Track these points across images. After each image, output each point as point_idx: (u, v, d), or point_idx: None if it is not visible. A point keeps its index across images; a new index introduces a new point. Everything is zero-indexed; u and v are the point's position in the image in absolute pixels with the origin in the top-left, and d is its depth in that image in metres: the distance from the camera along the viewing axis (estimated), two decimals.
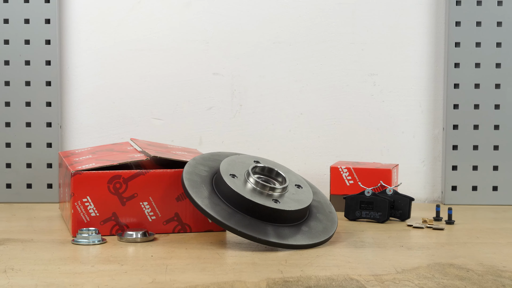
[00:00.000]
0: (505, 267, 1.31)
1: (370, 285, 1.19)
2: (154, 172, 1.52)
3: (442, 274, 1.26)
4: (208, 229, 1.56)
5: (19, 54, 1.86)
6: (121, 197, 1.51)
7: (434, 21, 1.92)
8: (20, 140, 1.88)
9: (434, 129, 1.94)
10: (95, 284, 1.20)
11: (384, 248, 1.45)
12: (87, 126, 1.92)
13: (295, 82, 1.93)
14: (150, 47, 1.92)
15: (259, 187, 1.47)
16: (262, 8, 1.92)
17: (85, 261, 1.34)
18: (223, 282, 1.21)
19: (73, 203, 1.50)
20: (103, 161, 1.56)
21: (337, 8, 1.92)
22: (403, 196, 1.67)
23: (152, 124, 1.93)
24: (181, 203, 1.54)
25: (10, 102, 1.87)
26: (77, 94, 1.92)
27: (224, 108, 1.93)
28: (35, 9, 1.86)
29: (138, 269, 1.29)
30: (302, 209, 1.47)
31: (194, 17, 1.92)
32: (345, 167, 1.77)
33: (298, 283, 1.21)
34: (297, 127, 1.94)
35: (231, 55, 1.93)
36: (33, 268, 1.28)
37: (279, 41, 1.92)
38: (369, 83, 1.92)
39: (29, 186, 1.88)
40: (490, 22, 1.88)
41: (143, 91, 1.92)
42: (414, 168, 1.95)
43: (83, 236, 1.45)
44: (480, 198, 1.91)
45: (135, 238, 1.47)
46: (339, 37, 1.92)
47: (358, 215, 1.68)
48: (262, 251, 1.41)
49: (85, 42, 1.91)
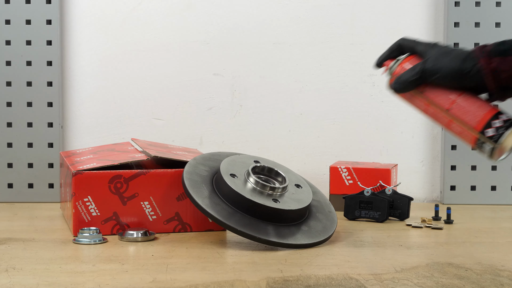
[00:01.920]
0: (503, 266, 1.31)
1: (369, 284, 1.20)
2: (154, 172, 1.53)
3: (441, 273, 1.27)
4: (209, 229, 1.56)
5: (20, 54, 1.87)
6: (122, 197, 1.52)
7: (433, 22, 1.93)
8: (21, 140, 1.88)
9: (433, 129, 1.95)
10: (96, 283, 1.20)
11: (383, 248, 1.45)
12: (88, 126, 1.93)
13: (295, 83, 1.94)
14: (151, 47, 1.92)
15: (259, 187, 1.48)
16: (262, 9, 1.93)
17: (86, 261, 1.35)
18: (223, 281, 1.21)
19: (74, 202, 1.51)
20: (104, 161, 1.56)
21: (336, 9, 1.93)
22: (402, 196, 1.68)
23: (153, 124, 1.94)
24: (182, 203, 1.54)
25: (11, 103, 1.87)
26: (78, 95, 1.92)
27: (225, 108, 1.94)
28: (37, 10, 1.86)
29: (139, 268, 1.29)
30: (301, 208, 1.48)
31: (195, 18, 1.92)
32: (345, 167, 1.77)
33: (297, 282, 1.21)
34: (297, 127, 1.95)
35: (232, 55, 1.93)
36: (34, 267, 1.28)
37: (279, 42, 1.93)
38: (368, 84, 1.93)
39: (31, 186, 1.89)
40: (489, 23, 1.89)
41: (144, 91, 1.93)
42: (413, 168, 1.95)
43: (84, 236, 1.46)
44: (479, 197, 1.91)
45: (135, 237, 1.48)
46: (338, 38, 1.93)
47: (357, 214, 1.68)
48: (262, 250, 1.41)
49: (87, 43, 1.92)
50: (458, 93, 1.33)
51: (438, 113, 1.35)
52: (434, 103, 1.35)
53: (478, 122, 1.32)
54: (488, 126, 1.31)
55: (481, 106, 1.33)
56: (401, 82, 1.36)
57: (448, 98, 1.34)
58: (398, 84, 1.36)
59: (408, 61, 1.38)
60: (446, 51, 1.34)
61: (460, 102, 1.33)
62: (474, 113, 1.32)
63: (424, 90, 1.35)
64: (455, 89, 1.34)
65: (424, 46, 1.37)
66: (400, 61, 1.39)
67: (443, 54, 1.34)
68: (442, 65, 1.33)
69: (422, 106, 1.37)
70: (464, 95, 1.34)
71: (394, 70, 1.38)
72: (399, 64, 1.39)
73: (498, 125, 1.31)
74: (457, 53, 1.33)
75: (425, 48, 1.37)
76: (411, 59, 1.38)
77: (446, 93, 1.34)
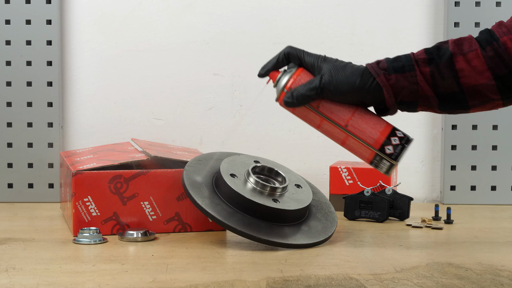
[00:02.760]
0: (503, 266, 1.31)
1: (369, 284, 1.20)
2: (154, 172, 1.53)
3: (441, 273, 1.27)
4: (209, 229, 1.56)
5: (20, 54, 1.87)
6: (122, 197, 1.52)
7: (433, 22, 1.93)
8: (21, 140, 1.88)
9: (433, 129, 1.95)
10: (96, 283, 1.20)
11: (383, 248, 1.45)
12: (88, 126, 1.93)
13: None
14: (151, 48, 1.92)
15: (259, 187, 1.48)
16: (262, 9, 1.93)
17: (86, 261, 1.35)
18: (223, 281, 1.21)
19: (74, 202, 1.51)
20: (104, 161, 1.56)
21: (336, 9, 1.93)
22: (402, 196, 1.68)
23: (153, 124, 1.94)
24: (182, 203, 1.55)
25: (11, 103, 1.87)
26: (78, 95, 1.92)
27: (225, 108, 1.94)
28: (37, 10, 1.86)
29: (139, 268, 1.29)
30: (301, 208, 1.48)
31: (195, 18, 1.92)
32: (345, 167, 1.78)
33: (298, 282, 1.21)
34: (297, 127, 1.95)
35: (232, 55, 1.93)
36: (34, 267, 1.28)
37: (279, 42, 1.93)
38: None
39: (31, 186, 1.89)
40: (489, 23, 1.87)
41: (144, 91, 1.93)
42: (413, 168, 1.95)
43: (84, 236, 1.46)
44: (479, 197, 1.91)
45: (135, 237, 1.48)
46: (338, 38, 1.93)
47: (357, 214, 1.68)
48: (262, 250, 1.41)
49: (87, 43, 1.92)
50: (354, 108, 1.34)
51: (333, 129, 1.35)
52: (329, 119, 1.35)
53: (377, 140, 1.34)
54: (387, 143, 1.33)
55: (377, 122, 1.35)
56: (296, 97, 1.34)
57: (344, 114, 1.35)
58: (292, 99, 1.34)
59: (299, 74, 1.36)
60: (340, 66, 1.34)
61: (356, 118, 1.34)
62: (371, 130, 1.34)
63: (318, 105, 1.35)
64: (350, 104, 1.34)
65: (313, 58, 1.35)
66: (291, 74, 1.37)
67: (337, 69, 1.33)
68: (340, 81, 1.32)
69: (316, 122, 1.36)
70: (359, 110, 1.35)
71: (284, 83, 1.36)
72: (290, 76, 1.37)
73: (395, 142, 1.33)
74: (352, 68, 1.33)
75: (315, 60, 1.35)
76: (301, 72, 1.36)
77: (342, 108, 1.34)
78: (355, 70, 1.33)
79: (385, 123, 1.36)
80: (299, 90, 1.34)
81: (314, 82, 1.33)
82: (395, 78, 1.32)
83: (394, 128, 1.35)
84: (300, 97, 1.34)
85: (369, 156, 1.35)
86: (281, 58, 1.38)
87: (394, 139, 1.34)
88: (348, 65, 1.34)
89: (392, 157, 1.33)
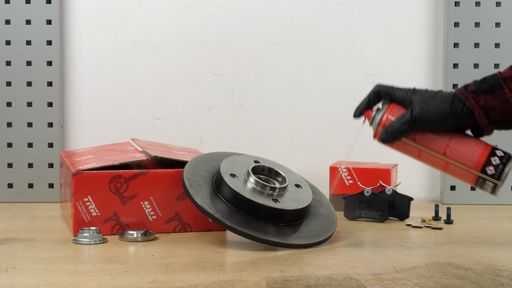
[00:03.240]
0: (503, 266, 1.31)
1: (369, 284, 1.20)
2: (154, 172, 1.53)
3: (441, 273, 1.27)
4: (209, 229, 1.56)
5: (20, 54, 1.87)
6: (122, 197, 1.52)
7: (433, 22, 1.93)
8: (21, 140, 1.88)
9: None
10: (96, 283, 1.20)
11: (383, 248, 1.45)
12: (88, 126, 1.93)
13: (295, 83, 1.94)
14: (151, 47, 1.92)
15: (259, 187, 1.48)
16: (262, 9, 1.93)
17: (86, 261, 1.35)
18: (223, 281, 1.21)
19: (74, 202, 1.51)
20: (104, 161, 1.56)
21: (336, 9, 1.93)
22: (402, 196, 1.68)
23: (153, 124, 1.94)
24: (182, 203, 1.55)
25: (11, 103, 1.88)
26: (78, 95, 1.92)
27: (225, 108, 1.94)
28: (37, 10, 1.86)
29: (139, 268, 1.29)
30: (301, 208, 1.48)
31: (195, 18, 1.92)
32: (345, 167, 1.78)
33: (297, 282, 1.21)
34: (297, 127, 1.95)
35: (231, 55, 1.93)
36: (34, 267, 1.28)
37: (279, 42, 1.93)
38: (368, 84, 1.93)
39: (31, 186, 1.89)
40: (489, 23, 1.89)
41: (144, 91, 1.93)
42: (413, 168, 1.95)
43: (84, 236, 1.46)
44: (479, 197, 1.91)
45: (135, 237, 1.48)
46: (338, 38, 1.93)
47: (357, 214, 1.68)
48: (262, 250, 1.41)
49: (87, 43, 1.92)
50: (450, 135, 1.35)
51: (433, 158, 1.37)
52: (427, 149, 1.36)
53: (477, 163, 1.35)
54: (487, 164, 1.34)
55: (475, 144, 1.36)
56: (391, 133, 1.36)
57: (441, 142, 1.36)
58: (388, 135, 1.37)
59: (391, 110, 1.38)
60: (429, 96, 1.35)
61: (454, 144, 1.35)
62: (470, 154, 1.35)
63: (414, 137, 1.36)
64: (446, 132, 1.35)
65: (403, 92, 1.38)
66: (384, 111, 1.38)
67: (427, 99, 1.35)
68: (431, 111, 1.34)
69: (415, 153, 1.38)
70: (455, 136, 1.36)
71: (378, 121, 1.38)
72: (382, 114, 1.38)
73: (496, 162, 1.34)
74: (442, 96, 1.35)
75: (405, 94, 1.38)
76: (393, 108, 1.38)
77: (438, 137, 1.36)
78: (444, 98, 1.34)
79: (483, 144, 1.36)
80: (392, 126, 1.36)
81: (406, 116, 1.35)
82: (484, 100, 1.33)
83: (493, 148, 1.36)
84: (394, 132, 1.36)
85: (472, 179, 1.36)
86: (372, 97, 1.41)
87: (494, 159, 1.35)
88: (438, 94, 1.35)
89: (494, 177, 1.34)
